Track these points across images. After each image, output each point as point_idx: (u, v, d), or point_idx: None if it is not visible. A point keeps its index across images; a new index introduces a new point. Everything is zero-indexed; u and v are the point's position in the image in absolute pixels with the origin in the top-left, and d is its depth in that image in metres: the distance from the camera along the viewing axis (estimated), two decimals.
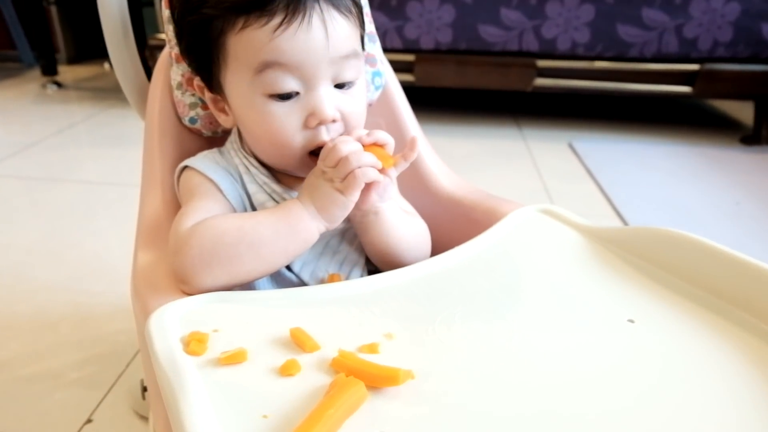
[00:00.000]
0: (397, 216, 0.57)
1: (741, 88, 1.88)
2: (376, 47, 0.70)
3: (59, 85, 2.51)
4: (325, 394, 0.37)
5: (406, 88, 0.79)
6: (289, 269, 0.57)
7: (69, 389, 0.82)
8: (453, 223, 0.70)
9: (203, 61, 0.54)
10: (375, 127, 0.74)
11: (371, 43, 0.68)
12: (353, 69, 0.53)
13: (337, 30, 0.50)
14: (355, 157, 0.49)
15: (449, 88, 2.00)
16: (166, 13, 0.62)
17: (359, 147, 0.50)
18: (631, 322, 0.46)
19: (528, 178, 1.63)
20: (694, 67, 1.85)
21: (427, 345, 0.43)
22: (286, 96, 0.51)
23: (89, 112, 2.17)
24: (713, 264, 0.50)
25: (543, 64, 1.89)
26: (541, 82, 1.92)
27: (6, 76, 2.71)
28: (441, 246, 0.65)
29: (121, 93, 0.71)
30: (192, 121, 0.65)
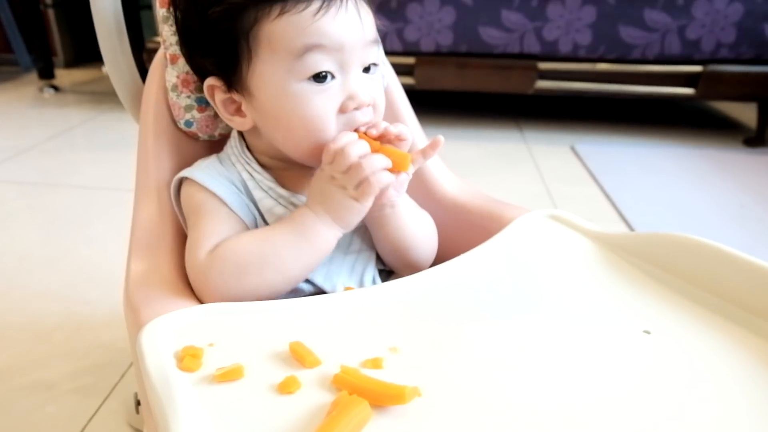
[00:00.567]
0: (411, 210, 0.57)
1: (744, 89, 1.86)
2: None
3: (56, 88, 2.49)
4: (327, 414, 0.35)
5: (406, 91, 0.77)
6: None
7: (62, 401, 0.79)
8: (458, 229, 0.68)
9: (227, 57, 0.52)
10: None
11: None
12: (375, 54, 0.53)
13: (366, 16, 0.51)
14: (368, 163, 0.48)
15: (450, 90, 1.99)
16: (160, 12, 0.60)
17: (368, 148, 0.49)
18: (647, 333, 0.44)
19: (530, 182, 1.62)
20: (697, 68, 1.83)
21: (434, 359, 0.41)
22: (323, 78, 0.50)
23: (86, 116, 2.16)
24: (729, 270, 0.48)
25: (544, 66, 1.87)
26: (543, 84, 1.90)
27: (3, 80, 2.69)
28: (446, 252, 0.63)
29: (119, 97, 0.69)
30: (188, 124, 0.63)
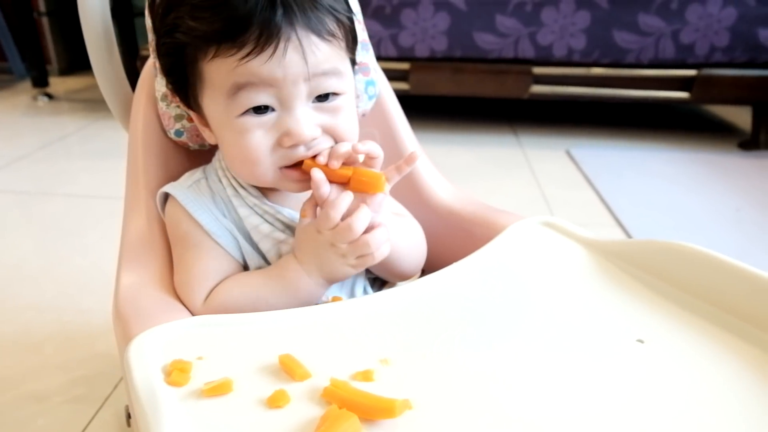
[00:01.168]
0: (394, 225, 0.56)
1: (738, 93, 1.87)
2: (369, 56, 0.68)
3: (50, 96, 2.49)
4: (317, 428, 0.34)
5: (401, 96, 0.77)
6: None
7: (54, 413, 0.78)
8: (451, 236, 0.68)
9: (180, 83, 0.54)
10: (369, 137, 0.72)
11: (364, 52, 0.66)
12: (334, 82, 0.51)
13: (316, 54, 0.48)
14: (374, 240, 0.49)
15: (445, 96, 1.99)
16: (149, 22, 0.59)
17: (369, 217, 0.50)
18: (640, 342, 0.44)
19: (526, 186, 1.61)
20: (691, 72, 1.83)
21: (425, 371, 0.40)
22: (262, 110, 0.50)
23: (80, 124, 2.15)
24: (723, 278, 0.48)
25: (539, 71, 1.87)
26: (538, 89, 1.90)
27: None
28: (439, 260, 0.62)
29: None
30: (178, 133, 0.62)
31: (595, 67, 1.87)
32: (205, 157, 0.64)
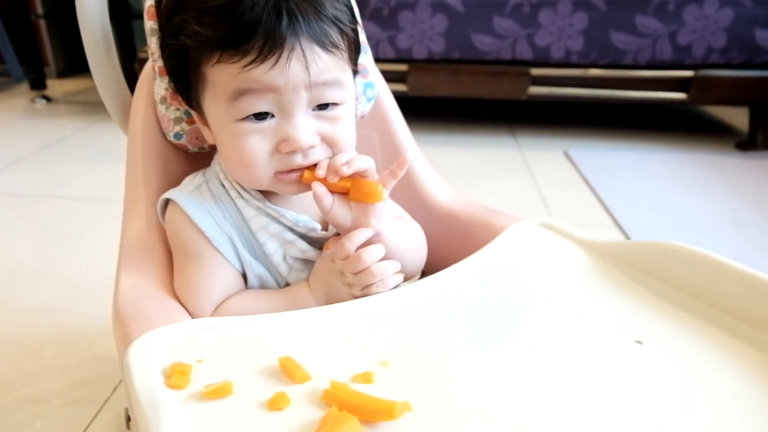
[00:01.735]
0: (396, 230, 0.57)
1: (735, 94, 1.87)
2: (367, 58, 0.68)
3: (48, 99, 2.48)
4: (317, 430, 0.35)
5: (399, 98, 0.77)
6: None
7: (53, 416, 0.78)
8: (449, 238, 0.68)
9: (183, 83, 0.55)
10: (368, 140, 0.73)
11: (362, 54, 0.66)
12: (335, 93, 0.52)
13: (318, 64, 0.49)
14: (378, 270, 0.51)
15: (442, 97, 1.99)
16: (148, 25, 0.60)
17: (382, 252, 0.52)
18: (639, 343, 0.44)
19: (524, 188, 1.62)
20: (689, 73, 1.84)
21: (425, 373, 0.41)
22: (262, 116, 0.50)
23: (78, 126, 2.15)
24: (721, 279, 0.48)
25: (537, 72, 1.88)
26: (536, 90, 1.91)
27: None
28: (437, 262, 0.63)
29: None
30: (177, 136, 0.62)
31: (592, 68, 1.87)
32: (204, 159, 0.64)
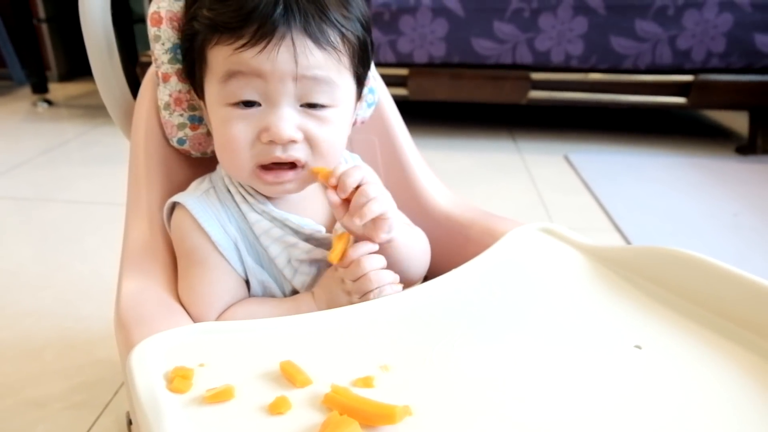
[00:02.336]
0: (407, 237, 0.58)
1: (735, 98, 1.88)
2: None
3: (50, 103, 2.49)
4: None
5: (399, 102, 0.78)
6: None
7: (54, 419, 0.78)
8: (449, 243, 0.68)
9: (190, 67, 0.58)
10: (368, 144, 0.73)
11: None
12: (325, 93, 0.53)
13: (308, 58, 0.51)
14: (377, 278, 0.52)
15: (443, 101, 1.99)
16: (152, 31, 0.60)
17: (383, 263, 0.53)
18: (638, 348, 0.44)
19: (524, 192, 1.62)
20: (688, 78, 1.84)
21: (425, 377, 0.41)
22: (248, 104, 0.52)
23: (80, 130, 2.15)
24: (720, 285, 0.48)
25: (537, 76, 1.88)
26: (536, 94, 1.91)
27: None
28: (438, 267, 0.63)
29: None
30: (180, 142, 0.63)
31: (592, 72, 1.88)
32: (207, 164, 0.65)
